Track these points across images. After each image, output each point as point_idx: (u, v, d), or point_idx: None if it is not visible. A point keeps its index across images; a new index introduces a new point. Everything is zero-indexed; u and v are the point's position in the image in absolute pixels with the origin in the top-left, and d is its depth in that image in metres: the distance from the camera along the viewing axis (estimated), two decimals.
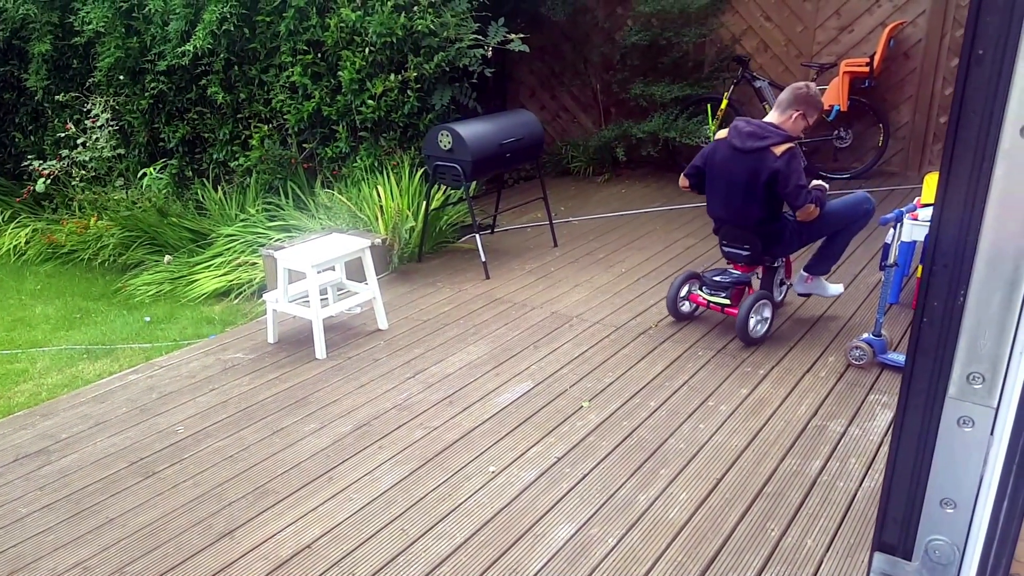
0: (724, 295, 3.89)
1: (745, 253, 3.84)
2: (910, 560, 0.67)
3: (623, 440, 3.09)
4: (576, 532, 2.57)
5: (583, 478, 2.86)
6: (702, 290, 3.99)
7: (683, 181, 3.99)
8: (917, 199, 3.91)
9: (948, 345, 0.60)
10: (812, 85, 3.72)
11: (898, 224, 3.56)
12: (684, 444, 3.05)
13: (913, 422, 0.63)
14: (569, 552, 2.48)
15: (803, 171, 3.56)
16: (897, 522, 0.65)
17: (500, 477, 2.90)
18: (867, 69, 6.20)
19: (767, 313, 3.88)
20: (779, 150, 3.54)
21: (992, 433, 0.61)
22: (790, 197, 3.56)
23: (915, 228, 3.73)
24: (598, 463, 2.95)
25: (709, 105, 6.96)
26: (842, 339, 3.85)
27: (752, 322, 3.80)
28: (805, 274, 4.04)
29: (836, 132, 6.70)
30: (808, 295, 4.18)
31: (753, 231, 3.77)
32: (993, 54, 0.50)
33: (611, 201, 6.66)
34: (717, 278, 3.92)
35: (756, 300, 3.81)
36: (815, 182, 3.74)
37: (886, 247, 3.53)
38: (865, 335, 3.62)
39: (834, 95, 6.32)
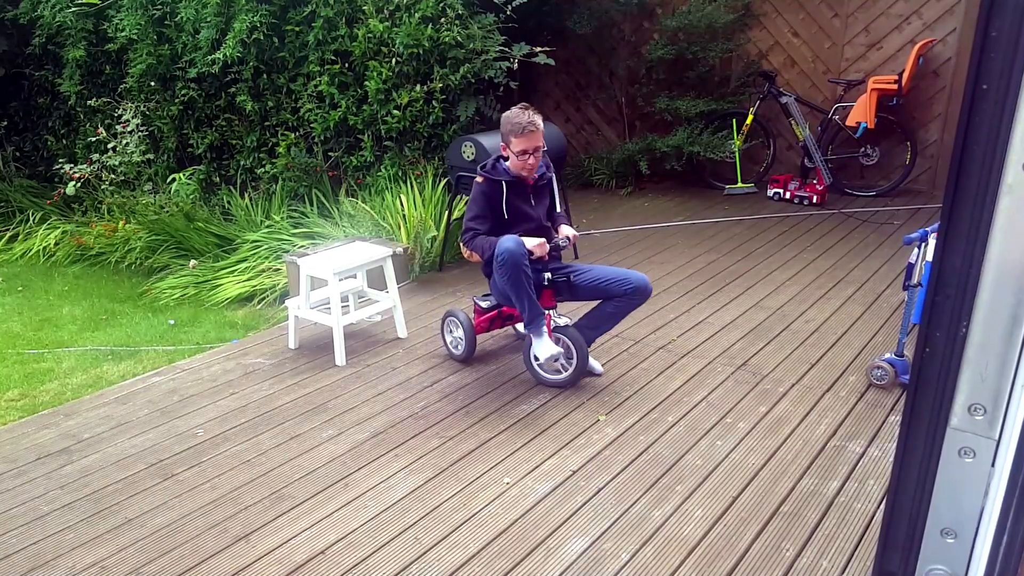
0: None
1: None
2: None
3: (639, 455, 3.08)
4: (589, 546, 2.57)
5: (598, 492, 2.86)
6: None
7: None
8: None
9: (950, 376, 0.60)
10: (514, 110, 3.48)
11: (923, 244, 3.53)
12: (701, 461, 3.03)
13: (915, 451, 0.63)
14: (582, 566, 2.48)
15: (475, 208, 3.55)
16: (897, 550, 0.65)
17: (515, 488, 2.91)
18: (895, 87, 6.15)
19: (456, 332, 3.96)
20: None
21: (993, 465, 0.61)
22: None
23: None
24: (613, 477, 2.94)
25: (734, 120, 6.95)
26: (864, 358, 3.82)
27: (448, 340, 4.04)
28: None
29: (863, 149, 6.65)
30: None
31: None
32: (997, 89, 0.51)
33: (633, 214, 6.65)
34: (478, 300, 3.99)
35: (444, 317, 4.04)
36: (565, 234, 3.67)
37: (910, 267, 3.49)
38: (887, 355, 3.59)
39: (861, 112, 6.28)
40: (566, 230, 3.74)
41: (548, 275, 3.58)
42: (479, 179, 3.57)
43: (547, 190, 3.78)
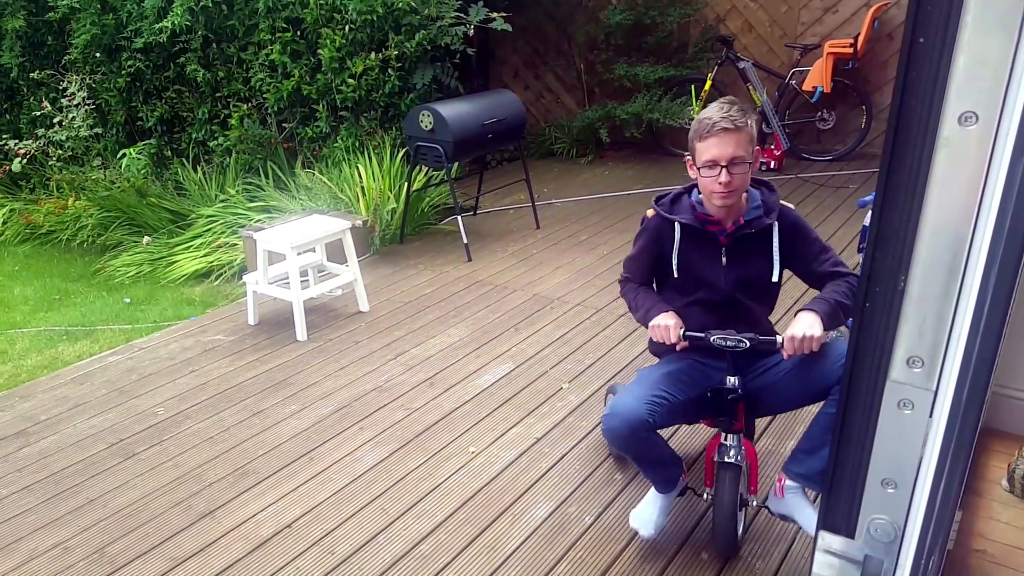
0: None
1: None
2: (853, 538, 0.70)
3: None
4: (554, 511, 2.60)
5: (562, 458, 2.89)
6: None
7: None
8: None
9: (889, 330, 0.61)
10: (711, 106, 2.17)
11: None
12: None
13: (856, 405, 0.65)
14: (547, 530, 2.51)
15: (635, 246, 2.42)
16: (841, 502, 0.68)
17: (480, 457, 2.92)
18: (851, 50, 6.21)
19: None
20: None
21: (931, 416, 0.64)
22: None
23: None
24: (577, 443, 2.98)
25: (693, 86, 6.96)
26: None
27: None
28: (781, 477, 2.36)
29: (819, 113, 6.72)
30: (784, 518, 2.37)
31: None
32: (932, 44, 0.51)
33: (594, 183, 6.66)
34: None
35: (607, 392, 2.94)
36: (790, 335, 2.09)
37: (864, 229, 3.56)
38: None
39: (818, 76, 6.33)
40: (801, 327, 2.10)
41: (734, 380, 2.22)
42: (649, 212, 2.37)
43: (759, 247, 2.27)
